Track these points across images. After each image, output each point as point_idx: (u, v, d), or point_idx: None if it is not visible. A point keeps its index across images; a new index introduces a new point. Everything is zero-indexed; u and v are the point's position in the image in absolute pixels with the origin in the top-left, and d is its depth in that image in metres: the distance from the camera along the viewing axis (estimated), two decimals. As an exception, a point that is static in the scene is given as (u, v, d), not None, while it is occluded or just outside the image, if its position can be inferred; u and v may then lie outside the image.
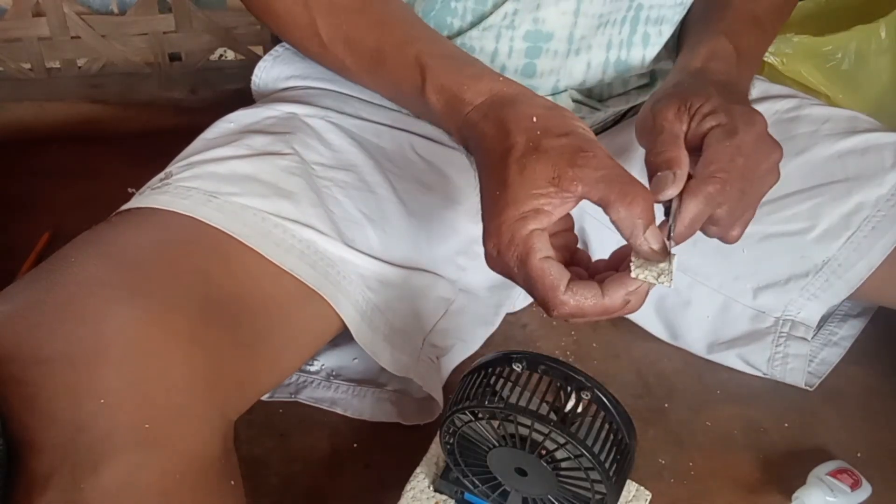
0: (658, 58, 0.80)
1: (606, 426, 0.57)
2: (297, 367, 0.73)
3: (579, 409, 0.56)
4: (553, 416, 0.55)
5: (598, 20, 0.73)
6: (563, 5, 0.71)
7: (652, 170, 0.58)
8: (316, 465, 0.75)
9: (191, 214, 0.62)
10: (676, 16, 0.77)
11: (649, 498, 0.69)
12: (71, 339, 0.50)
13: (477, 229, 0.79)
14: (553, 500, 0.62)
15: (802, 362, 0.81)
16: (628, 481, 0.68)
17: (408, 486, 0.68)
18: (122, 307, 0.52)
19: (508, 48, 0.73)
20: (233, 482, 0.56)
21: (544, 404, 0.56)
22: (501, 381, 0.58)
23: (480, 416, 0.58)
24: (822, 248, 0.78)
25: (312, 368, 0.81)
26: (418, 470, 0.68)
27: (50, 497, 0.47)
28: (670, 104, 0.61)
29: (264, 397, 0.78)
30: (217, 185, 0.64)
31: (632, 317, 0.89)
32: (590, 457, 0.55)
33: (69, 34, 1.12)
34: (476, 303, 0.82)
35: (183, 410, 0.52)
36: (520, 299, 0.88)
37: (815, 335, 0.86)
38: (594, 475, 0.56)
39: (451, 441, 0.62)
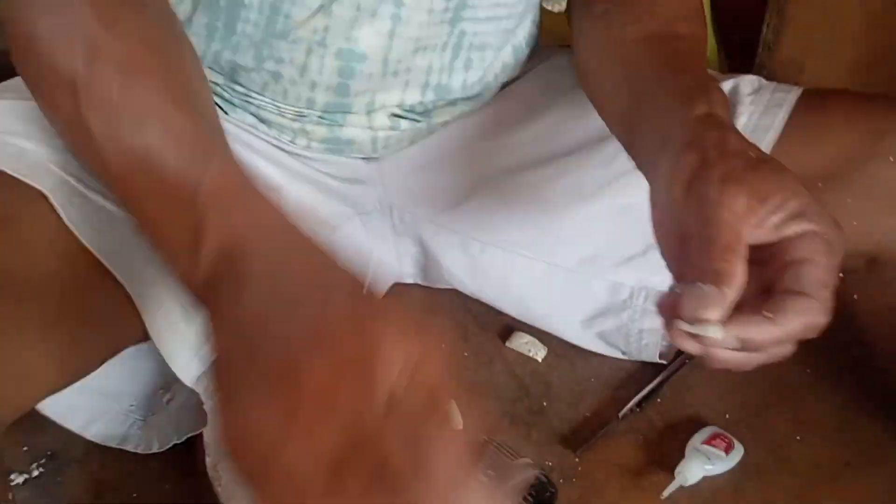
0: (482, 80, 0.79)
1: None
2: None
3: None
4: None
5: (416, 44, 0.72)
6: (377, 25, 0.70)
7: (693, 273, 0.49)
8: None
9: None
10: (500, 41, 0.77)
11: None
12: None
13: None
14: None
15: (656, 336, 0.83)
16: None
17: None
18: None
19: (319, 64, 0.72)
20: None
21: None
22: None
23: None
24: None
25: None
26: None
27: None
28: (738, 193, 0.50)
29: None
30: None
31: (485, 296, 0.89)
32: None
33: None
34: None
35: None
36: None
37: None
38: None
39: None
